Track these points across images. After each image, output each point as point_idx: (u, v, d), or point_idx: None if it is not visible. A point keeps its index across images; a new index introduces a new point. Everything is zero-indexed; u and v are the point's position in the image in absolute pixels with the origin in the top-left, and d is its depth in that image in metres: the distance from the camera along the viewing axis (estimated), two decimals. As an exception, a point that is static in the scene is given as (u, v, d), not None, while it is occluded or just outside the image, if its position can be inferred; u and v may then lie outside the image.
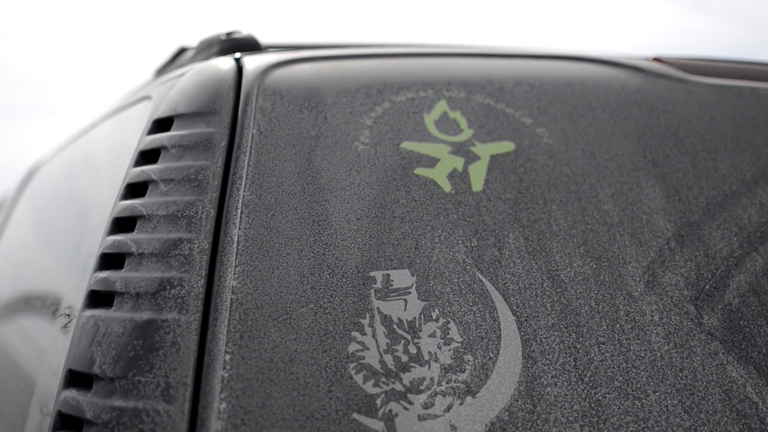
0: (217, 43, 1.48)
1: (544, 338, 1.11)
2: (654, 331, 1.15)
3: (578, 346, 1.11)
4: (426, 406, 1.02)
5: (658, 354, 1.13)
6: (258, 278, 1.08)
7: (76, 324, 1.12)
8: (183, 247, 1.09)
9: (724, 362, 1.14)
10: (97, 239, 1.24)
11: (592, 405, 1.07)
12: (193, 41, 1.68)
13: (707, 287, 1.20)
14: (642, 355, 1.12)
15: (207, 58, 1.44)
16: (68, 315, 1.26)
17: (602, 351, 1.12)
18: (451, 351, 1.07)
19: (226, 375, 1.00)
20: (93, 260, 1.19)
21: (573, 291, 1.16)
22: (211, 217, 1.11)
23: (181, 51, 1.74)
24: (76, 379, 1.08)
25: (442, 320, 1.09)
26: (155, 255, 1.09)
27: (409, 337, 1.07)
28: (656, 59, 1.55)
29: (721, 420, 1.09)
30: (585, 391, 1.07)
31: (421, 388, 1.03)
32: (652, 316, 1.16)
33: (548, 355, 1.10)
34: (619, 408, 1.07)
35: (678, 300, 1.18)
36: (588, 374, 1.09)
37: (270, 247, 1.11)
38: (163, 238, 1.11)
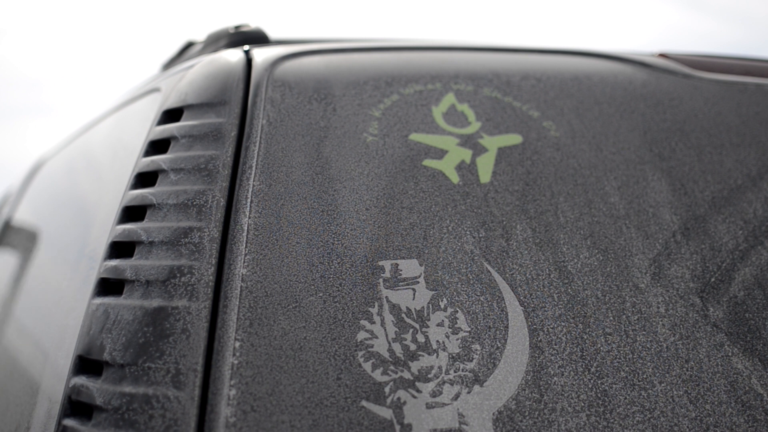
0: (225, 37, 1.48)
1: (552, 328, 1.12)
2: (660, 322, 1.15)
3: (585, 337, 1.12)
4: (434, 395, 1.03)
5: (664, 345, 1.13)
6: (268, 267, 1.08)
7: (86, 311, 1.13)
8: (193, 235, 1.10)
9: (730, 354, 1.15)
10: (106, 230, 1.24)
11: (599, 395, 1.08)
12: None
13: (713, 280, 1.21)
14: (648, 346, 1.13)
15: (215, 51, 1.45)
16: (77, 304, 1.26)
17: (609, 342, 1.12)
18: (459, 340, 1.08)
19: (235, 362, 1.01)
20: (102, 249, 1.20)
21: (580, 282, 1.17)
22: (221, 206, 1.12)
23: (189, 45, 1.75)
24: (85, 365, 1.08)
25: (450, 310, 1.10)
26: (165, 243, 1.10)
27: (417, 326, 1.08)
28: (662, 55, 1.55)
29: (726, 411, 1.10)
30: (591, 381, 1.08)
31: (429, 376, 1.04)
32: (658, 307, 1.17)
33: (555, 345, 1.10)
34: (626, 398, 1.08)
35: (684, 292, 1.19)
36: (594, 364, 1.09)
37: (279, 236, 1.12)
38: (173, 227, 1.12)
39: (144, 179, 1.22)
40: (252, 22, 1.49)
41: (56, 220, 1.74)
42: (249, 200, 1.14)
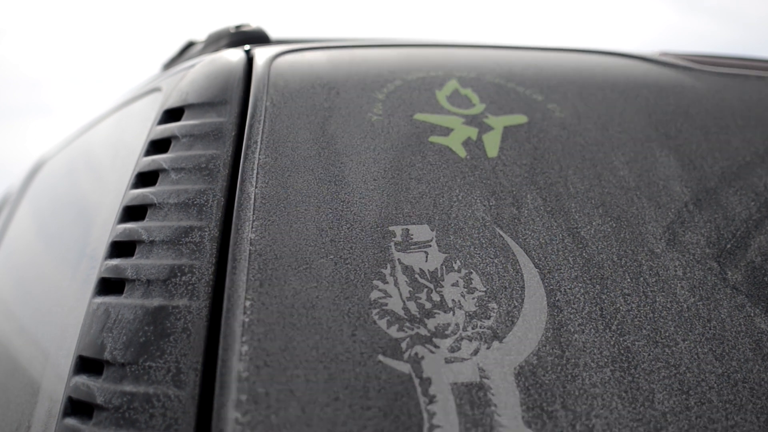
0: (226, 36, 1.49)
1: (568, 289, 1.09)
2: (678, 284, 1.13)
3: (603, 297, 1.10)
4: (452, 350, 1.00)
5: (684, 306, 1.11)
6: (276, 232, 1.07)
7: (87, 311, 1.12)
8: (194, 234, 1.08)
9: (752, 315, 1.12)
10: (107, 229, 1.23)
11: (622, 351, 1.05)
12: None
13: (728, 246, 1.19)
14: (668, 306, 1.10)
15: (216, 50, 1.45)
16: (77, 303, 1.23)
17: (628, 302, 1.10)
18: (475, 299, 1.05)
19: (246, 320, 0.98)
20: (102, 249, 1.18)
21: (594, 247, 1.15)
22: (222, 206, 1.11)
23: (190, 45, 1.75)
24: (86, 365, 1.06)
25: (464, 271, 1.08)
26: (166, 242, 1.09)
27: (431, 285, 1.05)
28: (663, 54, 1.56)
29: (753, 368, 1.07)
30: (613, 339, 1.05)
31: (446, 333, 1.01)
32: (676, 271, 1.15)
33: (573, 304, 1.08)
34: (649, 354, 1.05)
35: (700, 257, 1.17)
36: (615, 323, 1.07)
37: (287, 204, 1.10)
38: (173, 226, 1.10)
39: (145, 178, 1.21)
40: (253, 22, 1.49)
41: (57, 219, 1.73)
42: (255, 171, 1.12)
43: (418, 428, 0.93)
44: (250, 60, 1.32)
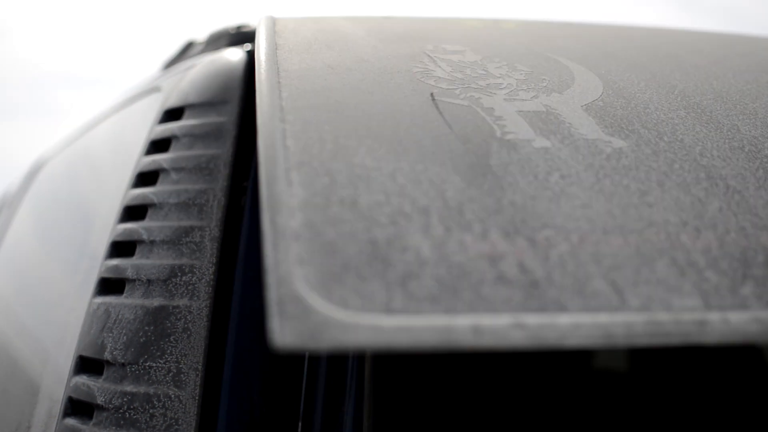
0: (226, 36, 1.48)
1: (618, 73, 1.06)
2: (732, 78, 1.11)
3: (657, 79, 1.07)
4: (510, 94, 0.94)
5: (745, 88, 1.07)
6: (299, 67, 1.03)
7: (87, 311, 1.10)
8: (194, 234, 1.07)
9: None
10: (107, 229, 1.21)
11: (691, 105, 0.99)
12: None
13: None
14: (726, 87, 1.07)
15: (216, 50, 1.44)
16: (77, 303, 1.20)
17: (683, 82, 1.07)
18: (523, 73, 1.01)
19: (282, 81, 0.94)
20: (102, 249, 1.16)
21: (633, 60, 1.15)
22: (222, 206, 1.09)
23: (190, 45, 1.74)
24: (86, 365, 1.05)
25: (505, 62, 1.04)
26: (166, 242, 1.07)
27: (474, 67, 1.01)
28: None
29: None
30: (678, 99, 1.00)
31: (500, 87, 0.95)
32: (725, 74, 1.13)
33: (627, 81, 1.04)
34: (722, 107, 1.00)
35: (746, 69, 1.17)
36: (676, 91, 1.03)
37: (308, 66, 1.09)
38: (174, 226, 1.09)
39: (145, 178, 1.19)
40: (253, 21, 1.48)
41: (57, 219, 1.68)
42: (275, 49, 1.10)
43: (490, 133, 0.84)
44: (251, 59, 1.31)
